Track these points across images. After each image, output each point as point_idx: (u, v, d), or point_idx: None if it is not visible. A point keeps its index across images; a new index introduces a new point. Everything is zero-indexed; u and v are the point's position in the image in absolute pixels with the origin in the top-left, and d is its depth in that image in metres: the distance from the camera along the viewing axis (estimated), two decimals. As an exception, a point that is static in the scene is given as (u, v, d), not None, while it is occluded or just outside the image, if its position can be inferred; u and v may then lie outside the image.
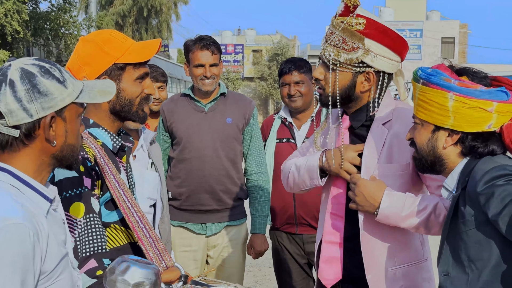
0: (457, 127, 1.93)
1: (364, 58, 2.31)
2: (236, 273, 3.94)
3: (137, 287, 1.75)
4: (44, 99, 1.64)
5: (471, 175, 1.89)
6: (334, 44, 2.33)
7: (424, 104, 1.98)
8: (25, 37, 21.59)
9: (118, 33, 2.24)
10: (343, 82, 2.36)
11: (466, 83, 1.93)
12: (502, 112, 1.89)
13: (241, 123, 3.89)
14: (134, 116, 2.25)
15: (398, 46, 2.36)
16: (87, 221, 2.05)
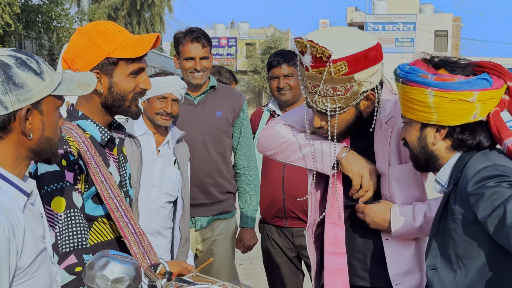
0: (442, 122, 1.90)
1: (361, 89, 2.23)
2: (225, 266, 3.93)
3: (116, 282, 1.73)
4: (20, 91, 1.61)
5: (463, 172, 1.86)
6: (325, 94, 2.23)
7: (407, 103, 1.95)
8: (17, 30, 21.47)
9: (115, 26, 2.19)
10: (350, 118, 2.30)
11: (443, 76, 1.89)
12: (485, 100, 1.85)
13: (231, 117, 3.88)
14: (126, 111, 2.21)
15: (378, 57, 2.26)
16: (68, 216, 2.03)
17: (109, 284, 1.72)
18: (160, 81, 3.33)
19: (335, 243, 2.42)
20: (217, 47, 44.24)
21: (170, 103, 3.33)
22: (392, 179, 2.32)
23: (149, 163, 3.32)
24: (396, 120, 2.31)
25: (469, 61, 1.95)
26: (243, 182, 3.99)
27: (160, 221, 3.36)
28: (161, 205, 3.36)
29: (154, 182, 3.34)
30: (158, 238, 3.36)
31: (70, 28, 23.38)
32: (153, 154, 3.36)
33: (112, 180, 2.17)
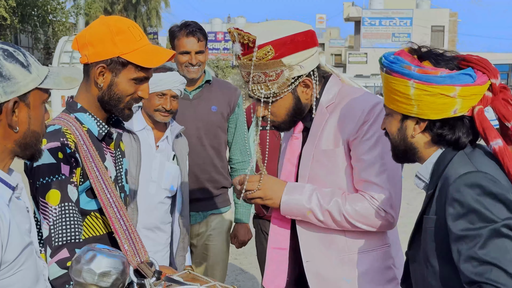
0: (422, 115, 1.88)
1: (293, 74, 2.27)
2: (220, 261, 3.92)
3: (103, 276, 1.71)
4: (7, 83, 1.60)
5: (444, 173, 1.85)
6: (258, 81, 2.29)
7: (390, 93, 1.94)
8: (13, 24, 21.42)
9: (137, 29, 2.18)
10: (288, 104, 2.33)
11: (427, 69, 1.86)
12: (466, 96, 1.82)
13: (226, 112, 3.86)
14: (119, 112, 2.21)
15: (309, 40, 2.30)
16: (62, 209, 2.03)
17: (96, 278, 1.71)
18: (159, 77, 3.29)
19: (278, 239, 2.45)
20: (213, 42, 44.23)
21: (169, 99, 3.30)
22: (315, 162, 2.35)
23: (148, 159, 3.31)
24: (336, 107, 2.36)
25: (455, 54, 1.92)
26: (238, 177, 3.98)
27: (159, 216, 3.35)
28: (160, 200, 3.34)
29: (153, 177, 3.32)
30: (157, 234, 3.35)
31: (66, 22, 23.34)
32: (152, 150, 3.34)
33: (107, 175, 2.16)
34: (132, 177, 3.27)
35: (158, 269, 2.14)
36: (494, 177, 1.75)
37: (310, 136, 2.37)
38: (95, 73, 2.15)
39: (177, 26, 3.80)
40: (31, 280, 1.67)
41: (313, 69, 2.33)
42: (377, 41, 43.74)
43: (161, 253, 3.34)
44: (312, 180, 2.35)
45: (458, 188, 1.75)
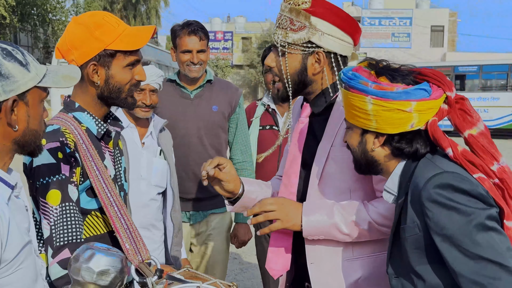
0: (380, 129, 1.91)
1: (311, 37, 2.26)
2: (220, 261, 3.92)
3: (102, 275, 1.71)
4: (6, 82, 1.60)
5: (413, 180, 1.86)
6: (282, 27, 2.30)
7: (349, 108, 1.96)
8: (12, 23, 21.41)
9: (112, 17, 2.18)
10: (294, 66, 2.32)
11: (383, 85, 1.88)
12: (422, 110, 1.85)
13: (227, 111, 3.86)
14: (122, 102, 2.21)
15: (347, 25, 2.30)
16: (63, 209, 2.03)
17: (94, 276, 1.71)
18: None
19: None
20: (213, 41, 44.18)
21: (149, 94, 3.27)
22: (330, 160, 2.32)
23: (135, 157, 3.29)
24: None
25: (411, 68, 1.95)
26: (238, 177, 3.98)
27: (153, 213, 3.34)
28: (151, 197, 3.33)
29: (142, 175, 3.31)
30: (152, 231, 3.35)
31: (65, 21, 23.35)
32: (138, 147, 3.32)
33: (106, 174, 2.16)
34: None
35: (159, 267, 2.14)
36: (461, 175, 1.78)
37: (327, 134, 2.34)
38: (88, 73, 2.14)
39: (179, 25, 3.81)
40: (30, 279, 1.67)
41: (335, 53, 2.32)
42: (377, 41, 43.73)
43: (157, 251, 3.34)
44: (325, 178, 2.33)
45: (429, 191, 1.77)
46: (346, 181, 2.33)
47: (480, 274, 1.69)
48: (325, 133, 2.35)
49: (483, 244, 1.70)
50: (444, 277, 1.81)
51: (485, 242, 1.70)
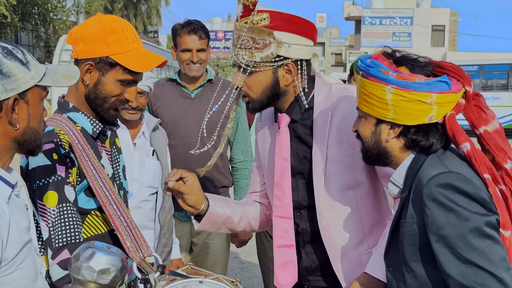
0: (397, 120, 1.88)
1: (279, 51, 2.27)
2: (220, 260, 3.92)
3: (102, 273, 1.73)
4: (7, 80, 1.61)
5: (417, 176, 1.85)
6: (245, 47, 2.28)
7: (365, 97, 1.93)
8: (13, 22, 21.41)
9: (131, 31, 2.18)
10: (265, 82, 2.31)
11: (404, 74, 1.86)
12: (442, 103, 1.83)
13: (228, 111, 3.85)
14: (104, 111, 2.20)
15: (306, 30, 2.31)
16: (60, 210, 2.03)
17: (95, 275, 1.72)
18: None
19: (284, 236, 2.42)
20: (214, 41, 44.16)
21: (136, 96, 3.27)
22: (330, 161, 2.33)
23: (127, 158, 3.23)
24: (336, 104, 2.35)
25: (429, 60, 1.93)
26: (239, 177, 3.98)
27: (145, 214, 3.33)
28: (143, 198, 3.32)
29: (134, 176, 3.29)
30: (145, 231, 3.31)
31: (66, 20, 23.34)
32: (130, 148, 3.30)
33: (104, 173, 2.16)
34: None
35: (161, 263, 2.14)
36: (466, 176, 1.76)
37: (318, 136, 2.35)
38: (82, 69, 2.14)
39: (180, 24, 3.81)
40: (30, 278, 1.67)
41: (301, 60, 2.33)
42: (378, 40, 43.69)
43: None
44: (329, 179, 2.34)
45: (431, 189, 1.76)
46: (350, 177, 2.34)
47: (470, 279, 1.69)
48: (315, 136, 2.36)
49: (477, 250, 1.69)
50: (435, 276, 1.80)
51: (479, 249, 1.69)
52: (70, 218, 2.04)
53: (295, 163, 2.41)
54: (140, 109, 3.29)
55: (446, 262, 1.73)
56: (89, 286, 1.74)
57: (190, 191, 2.32)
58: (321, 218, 2.34)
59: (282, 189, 2.41)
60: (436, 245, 1.75)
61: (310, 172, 2.38)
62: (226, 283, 2.06)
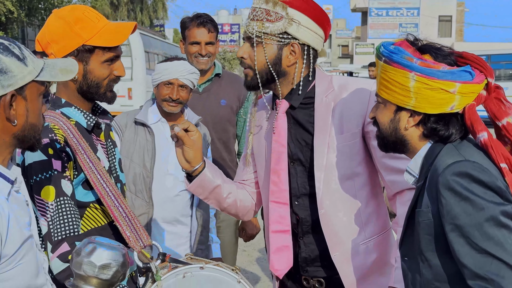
0: (418, 108, 1.85)
1: (289, 28, 2.28)
2: (228, 253, 3.93)
3: (103, 269, 1.73)
4: (4, 76, 1.60)
5: (433, 165, 1.83)
6: (258, 18, 2.29)
7: (386, 83, 1.90)
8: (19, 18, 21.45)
9: (92, 12, 2.18)
10: (269, 56, 2.31)
11: (429, 62, 1.84)
12: (465, 93, 1.81)
13: (235, 105, 3.85)
14: (101, 97, 2.21)
15: (320, 18, 2.32)
16: (58, 204, 2.04)
17: (96, 270, 1.73)
18: (165, 67, 3.28)
19: (279, 221, 2.42)
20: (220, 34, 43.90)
21: (177, 88, 3.26)
22: (331, 150, 2.34)
23: (164, 152, 3.29)
24: (338, 95, 2.36)
25: (452, 50, 1.91)
26: (246, 170, 3.98)
27: (178, 209, 3.33)
28: (177, 193, 3.32)
29: (169, 170, 3.30)
30: (177, 227, 3.34)
31: (72, 15, 23.32)
32: (168, 142, 3.31)
33: (100, 166, 2.17)
34: (147, 171, 3.27)
35: (161, 251, 2.15)
36: (482, 165, 1.74)
37: (319, 126, 2.35)
38: None
39: (188, 17, 3.81)
40: (31, 273, 1.67)
41: (308, 46, 2.33)
42: (384, 31, 43.56)
43: (183, 247, 3.35)
44: (329, 169, 2.34)
45: (446, 178, 1.74)
46: (350, 167, 2.35)
47: (484, 269, 1.67)
48: (316, 125, 2.36)
49: (493, 239, 1.67)
50: (450, 266, 1.79)
51: (495, 238, 1.67)
52: (68, 212, 2.05)
53: (293, 149, 2.41)
54: (181, 102, 3.30)
55: (461, 251, 1.71)
56: (90, 281, 1.74)
57: (192, 145, 2.32)
58: (321, 207, 2.35)
59: (279, 174, 2.41)
60: (451, 234, 1.73)
61: (309, 160, 2.38)
62: (226, 269, 2.07)
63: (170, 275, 2.01)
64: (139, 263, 2.08)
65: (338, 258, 2.36)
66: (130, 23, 2.21)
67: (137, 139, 3.30)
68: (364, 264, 2.38)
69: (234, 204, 2.55)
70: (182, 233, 3.36)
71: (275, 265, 2.45)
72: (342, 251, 2.36)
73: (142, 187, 3.28)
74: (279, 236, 2.43)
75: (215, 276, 2.06)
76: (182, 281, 2.02)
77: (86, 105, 2.24)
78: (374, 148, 2.32)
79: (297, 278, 2.47)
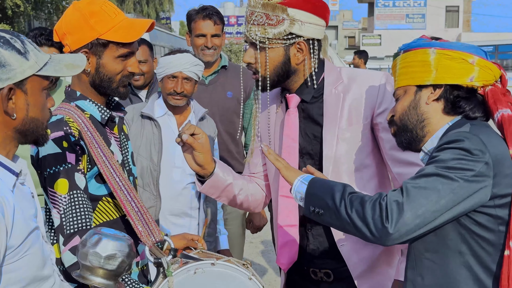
0: (439, 79, 1.90)
1: (292, 28, 2.27)
2: (236, 245, 3.94)
3: (109, 259, 1.74)
4: (2, 70, 1.60)
5: (442, 139, 1.87)
6: (258, 23, 2.28)
7: (405, 69, 1.96)
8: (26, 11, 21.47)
9: (110, 6, 2.19)
10: (277, 59, 2.31)
11: (446, 41, 1.94)
12: (482, 66, 1.88)
13: (241, 97, 3.85)
14: (114, 92, 2.22)
15: (320, 9, 2.32)
16: (71, 197, 2.05)
17: (102, 261, 1.74)
18: (168, 60, 3.29)
19: (288, 216, 2.42)
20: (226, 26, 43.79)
21: (181, 82, 3.27)
22: (340, 142, 2.34)
23: (170, 145, 3.28)
24: (347, 86, 2.36)
25: None
26: (253, 163, 3.99)
27: (185, 202, 3.35)
28: (184, 186, 3.34)
29: (177, 163, 3.31)
30: (185, 219, 3.36)
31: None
32: (174, 135, 3.27)
33: (113, 159, 2.18)
34: (154, 164, 3.28)
35: (173, 247, 2.16)
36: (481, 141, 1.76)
37: (328, 118, 2.35)
38: None
39: (194, 10, 3.82)
40: (37, 265, 1.68)
41: (313, 39, 2.33)
42: (391, 22, 43.37)
43: None
44: (337, 160, 2.34)
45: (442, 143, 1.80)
46: (359, 159, 2.36)
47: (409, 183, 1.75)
48: (325, 117, 2.36)
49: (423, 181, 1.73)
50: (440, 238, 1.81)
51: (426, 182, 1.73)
52: (81, 205, 2.06)
53: (303, 143, 2.41)
54: (185, 95, 3.31)
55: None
56: (96, 272, 1.75)
57: (201, 149, 2.30)
58: None
59: None
60: None
61: (318, 153, 2.39)
62: (237, 265, 2.08)
63: (181, 271, 2.02)
64: (150, 258, 2.09)
65: (345, 249, 2.36)
66: (147, 20, 2.21)
67: (144, 132, 3.31)
68: (372, 255, 2.38)
69: (245, 200, 2.56)
70: (190, 225, 3.36)
71: (281, 259, 2.46)
72: (350, 242, 2.36)
73: (149, 180, 3.29)
74: (287, 230, 2.43)
75: (226, 273, 2.06)
76: (193, 277, 2.02)
77: (100, 99, 2.24)
78: (382, 140, 2.34)
79: (305, 270, 2.47)
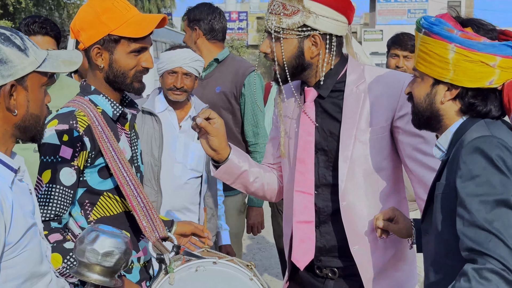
0: (456, 81, 1.82)
1: (306, 20, 2.24)
2: (233, 243, 3.88)
3: (106, 256, 1.76)
4: (4, 66, 1.61)
5: (461, 139, 1.81)
6: (275, 12, 2.27)
7: (425, 55, 1.87)
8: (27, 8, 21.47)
9: (122, 2, 2.22)
10: (290, 50, 2.29)
11: (470, 34, 1.81)
12: (505, 67, 1.78)
13: (231, 92, 3.82)
14: (128, 87, 2.24)
15: (340, 5, 2.27)
16: (48, 189, 2.09)
17: (99, 257, 1.75)
18: (168, 55, 3.31)
19: (304, 212, 2.39)
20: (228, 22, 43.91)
21: (181, 77, 3.28)
22: (358, 143, 2.31)
23: (171, 140, 3.31)
24: (369, 86, 2.32)
25: (495, 26, 1.88)
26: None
27: (187, 197, 3.36)
28: (185, 181, 3.35)
29: (177, 158, 3.33)
30: (186, 214, 3.36)
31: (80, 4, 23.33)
32: (175, 130, 3.34)
33: (122, 155, 2.21)
34: (155, 159, 3.28)
35: (176, 244, 2.18)
36: (507, 143, 1.72)
37: (347, 117, 2.32)
38: (92, 55, 2.20)
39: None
40: (35, 261, 1.70)
41: (330, 34, 2.30)
42: (393, 17, 43.28)
43: None
44: (354, 161, 2.32)
45: (469, 151, 1.72)
46: (376, 161, 2.33)
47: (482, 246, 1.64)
48: (344, 116, 2.32)
49: (498, 219, 1.64)
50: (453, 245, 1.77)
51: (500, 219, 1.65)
52: (54, 199, 2.10)
53: (318, 138, 2.38)
54: (185, 91, 3.32)
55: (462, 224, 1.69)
56: (93, 269, 1.77)
57: (216, 134, 2.30)
58: (342, 199, 2.32)
59: (306, 163, 2.38)
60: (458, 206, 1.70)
61: (333, 150, 2.36)
62: (239, 265, 2.09)
63: (183, 268, 2.03)
64: (153, 253, 2.11)
65: (357, 252, 2.34)
66: (159, 15, 2.24)
67: (145, 128, 3.32)
68: (383, 259, 2.37)
69: (261, 188, 2.55)
70: (191, 220, 3.36)
71: (296, 256, 2.42)
72: (362, 244, 2.34)
73: (150, 175, 3.30)
74: (303, 227, 2.40)
75: (227, 272, 2.07)
76: (194, 274, 2.04)
77: (114, 95, 2.27)
78: (402, 143, 2.31)
79: (310, 267, 2.45)
